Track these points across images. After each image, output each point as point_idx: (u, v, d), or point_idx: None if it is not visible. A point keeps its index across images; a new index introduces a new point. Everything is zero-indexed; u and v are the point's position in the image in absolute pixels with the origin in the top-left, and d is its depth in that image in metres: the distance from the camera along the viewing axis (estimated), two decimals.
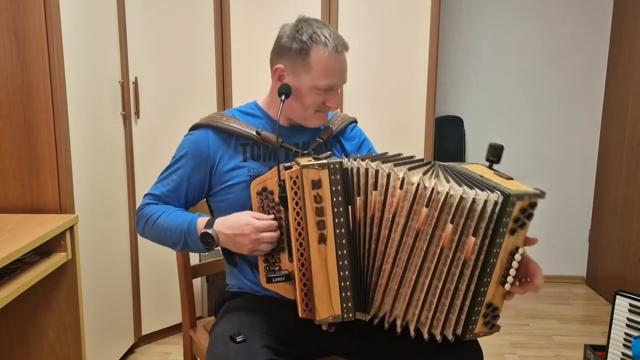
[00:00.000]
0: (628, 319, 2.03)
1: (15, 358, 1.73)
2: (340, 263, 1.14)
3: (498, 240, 1.09)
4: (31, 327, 1.71)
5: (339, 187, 1.13)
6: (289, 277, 1.19)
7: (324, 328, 1.18)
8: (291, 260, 1.18)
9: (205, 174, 1.33)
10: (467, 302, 1.12)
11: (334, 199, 1.13)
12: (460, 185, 1.09)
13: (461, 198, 1.07)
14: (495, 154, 1.21)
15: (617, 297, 2.07)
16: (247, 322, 1.24)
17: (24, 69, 1.65)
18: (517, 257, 1.12)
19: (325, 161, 1.13)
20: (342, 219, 1.14)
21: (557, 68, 3.17)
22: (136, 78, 2.22)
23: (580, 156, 3.26)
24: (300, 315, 1.16)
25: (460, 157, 3.20)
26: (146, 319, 2.42)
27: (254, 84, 2.55)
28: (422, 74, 2.58)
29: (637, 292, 2.06)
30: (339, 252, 1.14)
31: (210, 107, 2.51)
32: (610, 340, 2.07)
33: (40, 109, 1.67)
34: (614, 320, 2.07)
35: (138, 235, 2.29)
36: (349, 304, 1.15)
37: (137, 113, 2.25)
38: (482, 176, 1.16)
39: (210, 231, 1.21)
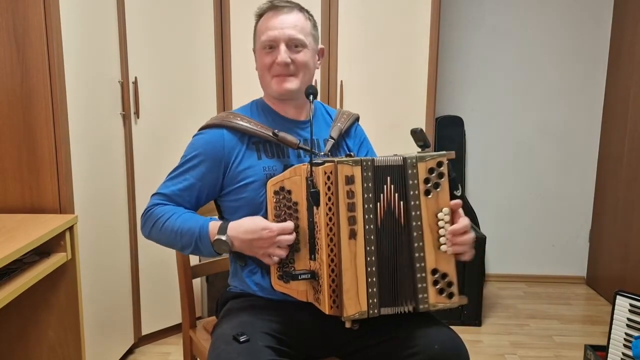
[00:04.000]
0: (628, 319, 2.03)
1: (15, 358, 1.73)
2: (369, 259, 1.16)
3: (413, 203, 1.18)
4: (31, 327, 1.71)
5: (369, 184, 1.16)
6: (314, 275, 1.18)
7: (347, 326, 1.16)
8: (314, 259, 1.18)
9: (219, 174, 1.31)
10: (408, 270, 1.18)
11: (365, 195, 1.16)
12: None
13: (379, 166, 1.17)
14: (418, 137, 1.29)
15: (618, 297, 2.07)
16: (249, 323, 1.24)
17: (24, 69, 1.65)
18: (442, 216, 1.18)
19: (358, 158, 1.16)
20: (371, 215, 1.16)
21: (557, 68, 3.17)
22: (136, 78, 2.22)
23: (581, 156, 3.26)
24: (327, 313, 1.15)
25: (460, 156, 3.19)
26: (146, 319, 2.41)
27: (254, 84, 2.52)
28: (422, 73, 2.58)
29: (638, 292, 2.06)
30: (368, 248, 1.16)
31: (210, 106, 2.51)
32: (611, 341, 2.07)
33: (40, 109, 1.67)
34: (614, 321, 2.07)
35: (138, 235, 2.32)
36: (375, 300, 1.16)
37: (136, 113, 2.25)
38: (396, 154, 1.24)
39: (224, 237, 1.19)
